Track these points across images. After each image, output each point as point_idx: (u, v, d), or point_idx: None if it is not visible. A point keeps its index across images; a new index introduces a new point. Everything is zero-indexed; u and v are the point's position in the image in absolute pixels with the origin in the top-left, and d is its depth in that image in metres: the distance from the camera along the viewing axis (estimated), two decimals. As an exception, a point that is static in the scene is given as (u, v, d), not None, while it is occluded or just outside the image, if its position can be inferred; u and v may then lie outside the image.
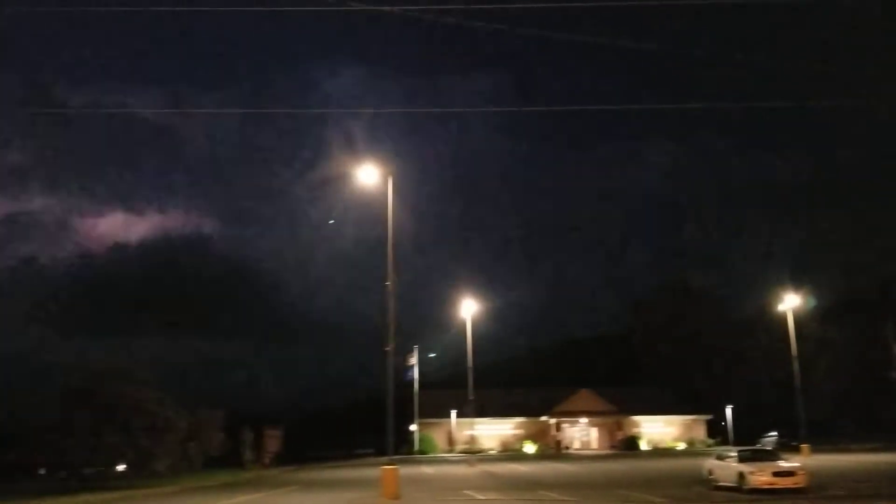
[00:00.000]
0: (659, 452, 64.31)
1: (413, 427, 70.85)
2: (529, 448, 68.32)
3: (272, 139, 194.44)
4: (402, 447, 65.56)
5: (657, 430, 73.79)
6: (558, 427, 72.15)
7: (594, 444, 72.92)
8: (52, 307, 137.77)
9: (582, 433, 73.49)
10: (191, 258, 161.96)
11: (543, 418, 72.03)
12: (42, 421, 36.84)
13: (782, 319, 55.42)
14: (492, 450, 68.96)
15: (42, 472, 48.70)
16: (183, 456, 41.77)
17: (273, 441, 61.08)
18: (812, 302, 64.86)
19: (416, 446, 69.05)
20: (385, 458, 25.62)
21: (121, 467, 41.52)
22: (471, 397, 49.44)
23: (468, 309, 50.80)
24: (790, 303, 54.15)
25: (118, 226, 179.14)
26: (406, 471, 34.20)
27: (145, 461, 39.03)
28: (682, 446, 70.20)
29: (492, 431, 71.43)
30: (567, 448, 70.59)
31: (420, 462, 54.15)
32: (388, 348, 26.40)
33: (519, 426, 73.16)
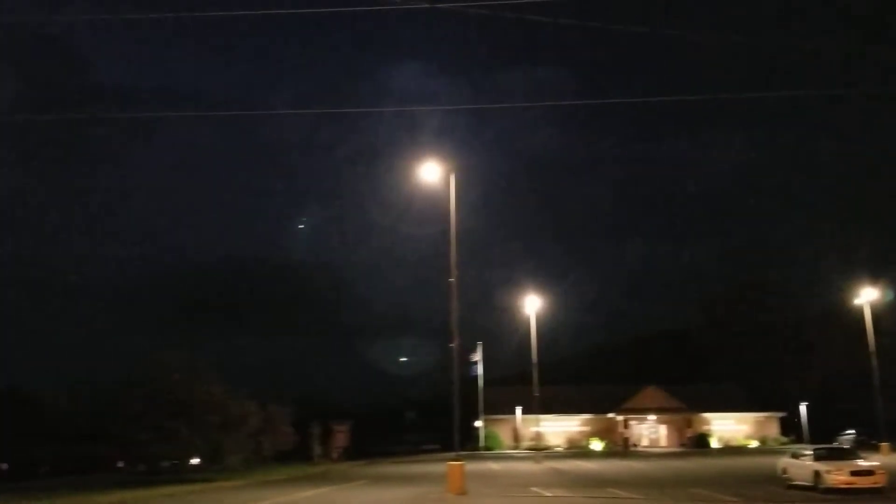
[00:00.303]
0: (730, 450, 62.94)
1: (478, 423, 70.95)
2: (596, 445, 67.71)
3: (335, 137, 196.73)
4: (468, 443, 65.70)
5: (728, 427, 72.24)
6: (626, 424, 71.28)
7: (663, 441, 71.84)
8: (132, 306, 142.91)
9: (650, 430, 72.49)
10: (257, 256, 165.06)
11: (610, 415, 71.27)
12: (122, 417, 38.13)
13: (859, 314, 53.52)
14: (558, 447, 68.54)
15: (121, 465, 50.50)
16: (254, 450, 42.75)
17: (341, 436, 61.96)
18: (890, 295, 62.48)
19: (482, 442, 69.12)
20: (451, 454, 25.69)
21: (195, 461, 42.78)
22: (536, 393, 49.20)
23: (532, 305, 50.55)
24: (867, 296, 52.27)
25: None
26: (472, 467, 34.26)
27: (218, 455, 40.10)
28: (754, 444, 68.53)
29: (558, 428, 71.02)
30: (635, 445, 69.69)
31: (486, 458, 54.17)
32: (452, 344, 26.47)
33: (585, 423, 72.56)
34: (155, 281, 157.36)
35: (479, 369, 68.38)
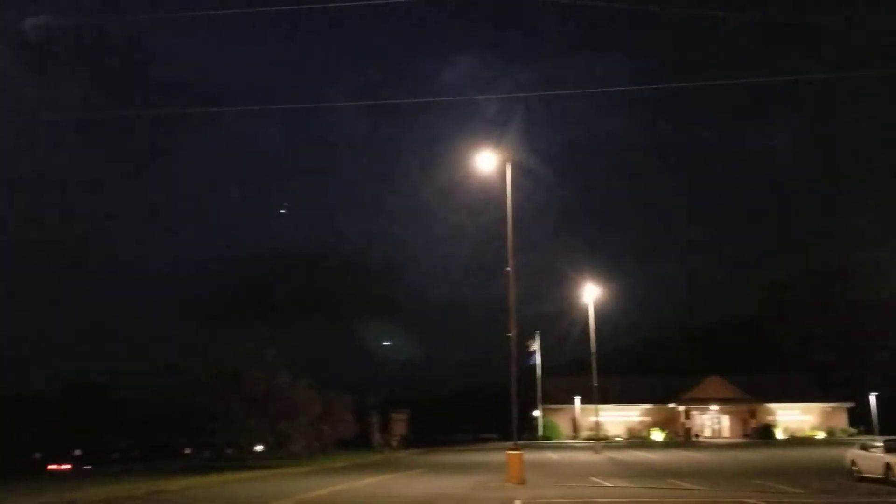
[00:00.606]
0: (796, 442, 61.62)
1: (536, 413, 70.83)
2: (657, 436, 66.98)
3: (391, 130, 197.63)
4: (526, 433, 65.65)
5: (793, 418, 70.66)
6: (687, 414, 70.33)
7: (725, 432, 70.72)
8: (198, 299, 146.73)
9: (712, 421, 71.41)
10: (318, 247, 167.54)
11: (671, 405, 70.40)
12: (188, 405, 39.21)
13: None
14: (617, 437, 68.04)
15: (188, 451, 51.92)
16: (316, 437, 43.50)
17: (400, 425, 62.54)
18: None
19: (540, 432, 69.02)
20: (509, 444, 25.74)
21: (258, 448, 43.76)
22: (595, 383, 48.86)
23: (590, 294, 50.13)
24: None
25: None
26: (530, 456, 34.26)
27: (282, 442, 40.93)
28: (821, 435, 66.90)
29: (617, 418, 70.45)
30: (697, 436, 68.75)
31: (544, 448, 54.11)
32: (510, 334, 26.46)
33: (645, 413, 71.85)
34: (218, 273, 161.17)
35: (537, 358, 68.19)
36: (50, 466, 51.19)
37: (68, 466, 50.85)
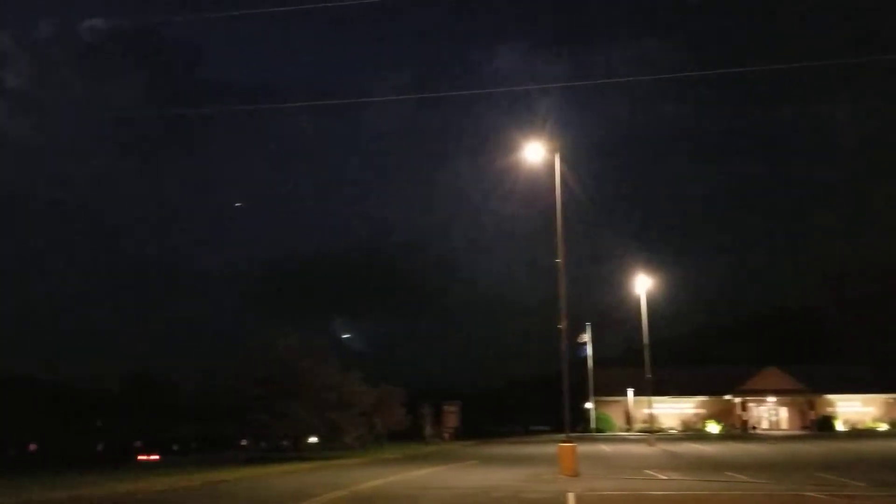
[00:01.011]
0: (857, 434, 60.09)
1: (588, 405, 70.37)
2: (713, 428, 66.03)
3: (439, 121, 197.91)
4: (578, 425, 65.35)
5: (854, 409, 68.92)
6: (744, 406, 69.16)
7: (783, 424, 69.35)
8: (254, 292, 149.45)
9: (770, 413, 70.10)
10: (368, 240, 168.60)
11: (727, 397, 69.28)
12: (244, 397, 39.91)
13: None
14: (672, 429, 67.26)
15: (244, 443, 52.93)
16: (369, 429, 43.91)
17: (451, 416, 62.74)
18: None
19: (593, 424, 68.57)
20: (561, 436, 25.60)
21: (312, 439, 44.36)
22: (648, 375, 48.32)
23: (642, 284, 49.55)
24: None
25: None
26: (583, 448, 34.03)
27: (335, 434, 41.42)
28: (883, 427, 65.11)
29: (672, 410, 69.66)
30: (754, 428, 67.59)
31: (597, 440, 53.75)
32: (561, 326, 26.28)
33: (701, 405, 70.83)
34: (272, 268, 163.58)
35: (588, 350, 67.75)
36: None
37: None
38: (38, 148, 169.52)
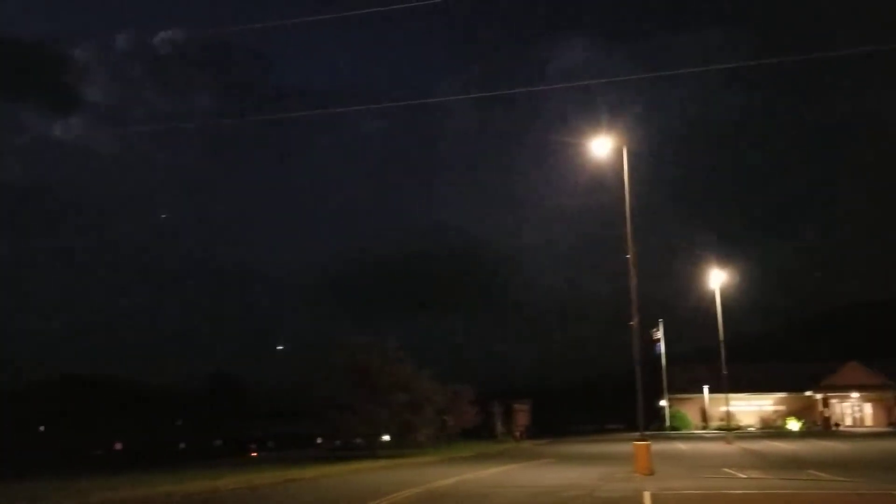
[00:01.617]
0: (949, 431, 57.50)
1: (663, 402, 69.23)
2: (793, 425, 64.13)
3: (503, 119, 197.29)
4: (653, 423, 64.35)
5: (946, 406, 65.97)
6: (825, 402, 66.92)
7: (868, 420, 66.83)
8: (326, 294, 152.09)
9: (853, 409, 67.65)
10: (436, 240, 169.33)
11: (808, 393, 67.18)
12: (319, 397, 40.63)
13: None
14: (750, 426, 65.63)
15: (319, 441, 53.87)
16: (440, 428, 44.11)
17: (522, 415, 62.58)
18: None
19: (667, 422, 67.43)
20: (635, 434, 25.27)
21: (385, 438, 44.81)
22: (724, 371, 47.21)
23: (717, 279, 48.41)
24: None
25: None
26: (658, 447, 33.53)
27: (407, 432, 41.74)
28: (979, 425, 62.19)
29: (749, 407, 67.98)
30: (837, 425, 65.33)
31: (672, 438, 52.84)
32: (632, 322, 25.93)
33: (780, 402, 68.90)
34: (344, 270, 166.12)
35: (662, 347, 66.61)
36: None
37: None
38: (116, 157, 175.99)
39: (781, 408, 68.57)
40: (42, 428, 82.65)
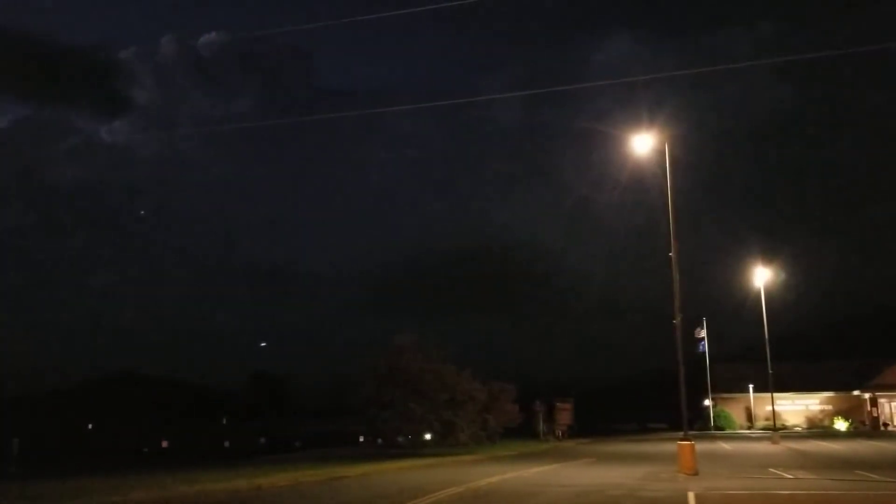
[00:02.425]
0: None
1: (707, 402, 68.43)
2: (840, 425, 62.96)
3: (547, 116, 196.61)
4: (697, 422, 63.69)
5: None
6: (874, 402, 65.53)
7: (919, 421, 65.34)
8: (368, 294, 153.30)
9: (904, 409, 66.20)
10: (478, 239, 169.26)
11: (856, 393, 65.86)
12: (362, 396, 41.03)
13: None
14: (796, 426, 64.58)
15: (361, 440, 54.30)
16: (482, 427, 44.20)
17: (565, 413, 62.22)
18: None
19: (712, 422, 66.64)
20: (679, 434, 25.09)
21: (427, 436, 45.03)
22: (770, 370, 46.54)
23: (761, 276, 47.72)
24: None
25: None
26: (702, 446, 33.22)
27: (449, 431, 41.91)
28: None
29: (795, 407, 66.91)
30: (886, 425, 63.95)
31: (716, 438, 52.25)
32: (675, 321, 25.72)
33: (826, 401, 67.66)
34: (386, 269, 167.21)
35: (706, 345, 65.85)
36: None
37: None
38: (164, 159, 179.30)
39: (828, 407, 67.35)
40: (90, 426, 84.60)
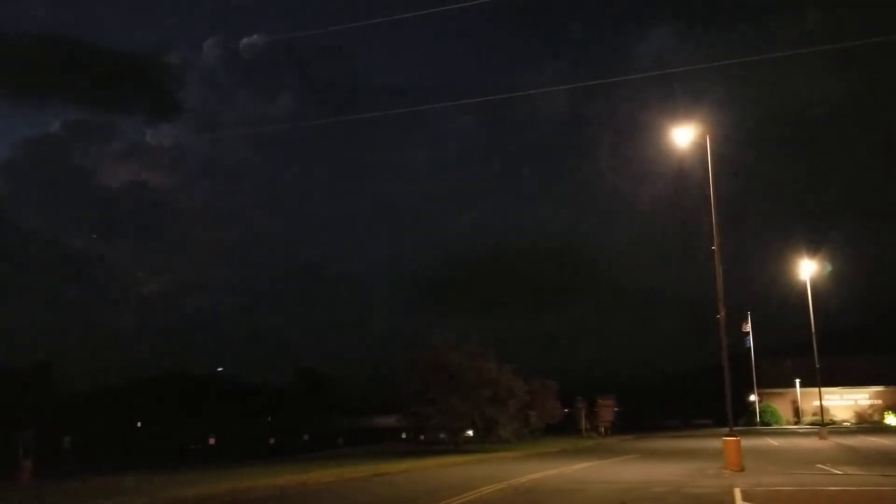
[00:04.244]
0: None
1: (753, 397, 67.48)
2: (891, 420, 61.67)
3: (587, 110, 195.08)
4: (742, 418, 62.84)
5: None
6: (926, 396, 64.08)
7: (975, 416, 63.67)
8: (408, 290, 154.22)
9: (959, 404, 64.60)
10: (518, 236, 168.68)
11: (907, 387, 64.45)
12: (405, 392, 41.32)
13: None
14: (845, 422, 63.38)
15: (403, 436, 54.66)
16: (523, 423, 44.20)
17: (607, 410, 61.87)
18: None
19: (758, 417, 65.68)
20: (724, 429, 24.81)
21: (469, 433, 45.19)
22: (817, 365, 45.73)
23: (807, 269, 46.89)
24: None
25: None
26: (749, 442, 32.79)
27: (490, 428, 41.99)
28: None
29: (844, 402, 65.67)
30: (940, 421, 62.48)
31: (763, 434, 51.51)
32: (719, 315, 25.44)
33: (876, 396, 66.28)
34: (427, 266, 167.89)
35: (750, 340, 64.96)
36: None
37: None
38: (208, 161, 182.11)
39: (878, 402, 65.97)
40: (139, 424, 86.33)
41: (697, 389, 71.49)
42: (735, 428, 24.68)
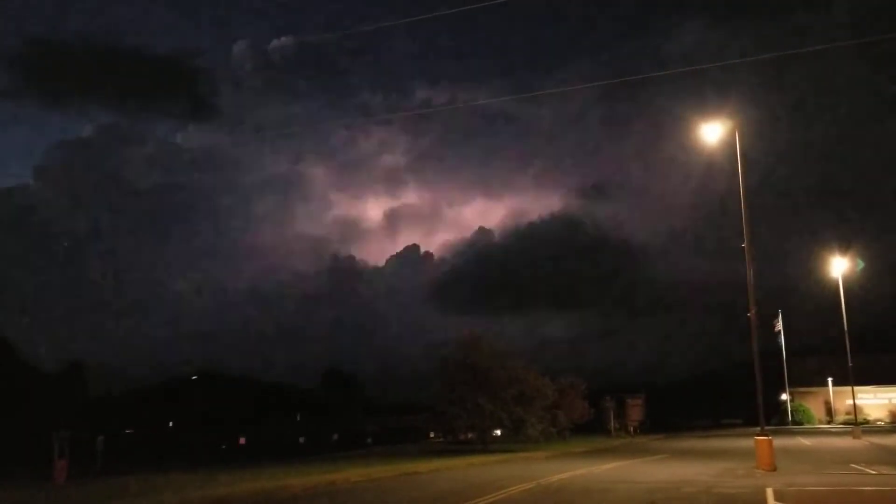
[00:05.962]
0: None
1: (784, 396, 66.67)
2: (928, 419, 60.57)
3: (616, 111, 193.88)
4: (773, 417, 62.11)
5: None
6: (964, 395, 62.86)
7: None
8: (432, 289, 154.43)
9: None
10: (548, 235, 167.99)
11: (943, 385, 63.29)
12: (432, 392, 41.39)
13: None
14: (879, 421, 62.35)
15: (431, 435, 54.76)
16: (552, 423, 44.06)
17: (636, 410, 61.53)
18: None
19: (789, 417, 64.88)
20: (755, 429, 24.54)
21: (497, 432, 45.15)
22: (850, 363, 45.05)
23: (839, 267, 46.22)
24: None
25: (480, 212, 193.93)
26: (780, 442, 32.40)
27: (518, 427, 41.89)
28: None
29: (878, 400, 64.59)
30: (976, 419, 61.29)
31: (794, 433, 50.87)
32: (750, 314, 25.18)
33: (911, 394, 65.13)
34: (455, 264, 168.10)
35: (782, 339, 64.22)
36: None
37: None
38: (233, 161, 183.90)
39: (914, 400, 64.88)
40: (170, 423, 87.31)
41: (727, 389, 70.82)
42: (766, 427, 24.41)
